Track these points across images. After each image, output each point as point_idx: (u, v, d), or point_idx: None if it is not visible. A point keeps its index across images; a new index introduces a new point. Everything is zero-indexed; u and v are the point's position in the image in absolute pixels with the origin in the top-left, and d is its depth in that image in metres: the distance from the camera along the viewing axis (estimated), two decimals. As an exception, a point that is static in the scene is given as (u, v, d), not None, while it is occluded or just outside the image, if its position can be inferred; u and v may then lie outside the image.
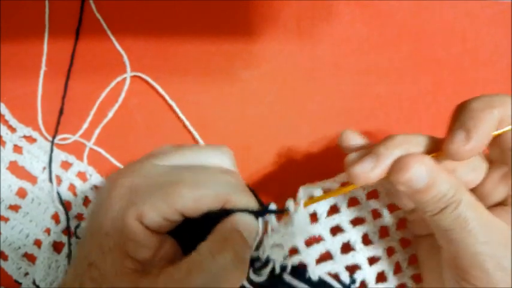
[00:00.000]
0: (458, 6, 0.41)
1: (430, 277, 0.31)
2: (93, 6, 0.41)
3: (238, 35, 0.41)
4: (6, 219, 0.38)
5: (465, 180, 0.28)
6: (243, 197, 0.29)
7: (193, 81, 0.40)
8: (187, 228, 0.28)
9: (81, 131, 0.39)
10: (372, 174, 0.26)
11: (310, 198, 0.29)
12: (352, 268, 0.31)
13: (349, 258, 0.31)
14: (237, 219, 0.28)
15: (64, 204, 0.38)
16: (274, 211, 0.29)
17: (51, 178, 0.38)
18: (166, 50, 0.41)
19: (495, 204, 0.28)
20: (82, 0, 0.41)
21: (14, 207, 0.38)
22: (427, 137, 0.27)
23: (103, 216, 0.28)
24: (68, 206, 0.38)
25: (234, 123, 0.40)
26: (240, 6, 0.41)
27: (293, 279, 0.30)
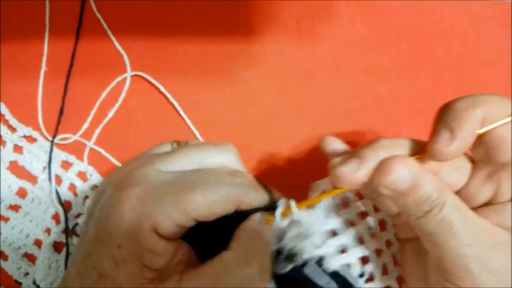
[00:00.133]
0: (458, 6, 0.41)
1: (415, 280, 0.31)
2: (93, 6, 0.41)
3: (238, 35, 0.41)
4: (6, 219, 0.38)
5: (449, 181, 0.27)
6: (256, 196, 0.29)
7: (193, 81, 0.40)
8: (199, 230, 0.28)
9: (81, 131, 0.39)
10: (356, 175, 0.26)
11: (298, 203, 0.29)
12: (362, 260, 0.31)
13: (360, 251, 0.31)
14: (258, 223, 0.28)
15: (63, 204, 0.38)
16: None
17: (50, 178, 0.38)
18: (166, 50, 0.41)
19: (481, 204, 0.28)
20: (82, 0, 0.41)
21: (14, 207, 0.38)
22: (412, 140, 0.27)
23: (114, 227, 0.27)
24: (68, 206, 0.38)
25: (234, 123, 0.40)
26: (240, 6, 0.41)
27: (314, 271, 0.30)
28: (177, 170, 0.30)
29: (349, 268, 0.30)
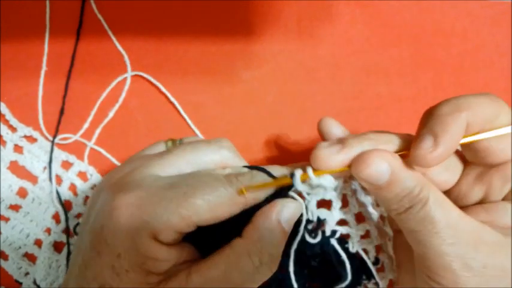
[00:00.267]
0: (458, 6, 0.41)
1: (405, 272, 0.31)
2: (93, 6, 0.41)
3: (238, 35, 0.41)
4: (6, 219, 0.38)
5: (439, 180, 0.27)
6: (260, 191, 0.28)
7: (193, 81, 0.40)
8: (203, 231, 0.27)
9: (81, 131, 0.39)
10: (334, 159, 0.26)
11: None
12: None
13: (376, 239, 0.32)
14: (277, 210, 0.27)
15: (63, 204, 0.38)
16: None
17: (51, 178, 0.38)
18: (166, 50, 0.41)
19: (473, 204, 0.28)
20: (83, 0, 0.41)
21: (15, 207, 0.38)
22: (403, 136, 0.27)
23: (111, 236, 0.26)
24: (69, 206, 0.39)
25: (234, 123, 0.40)
26: (240, 6, 0.41)
27: (337, 244, 0.30)
28: (175, 174, 0.29)
29: (367, 254, 0.31)
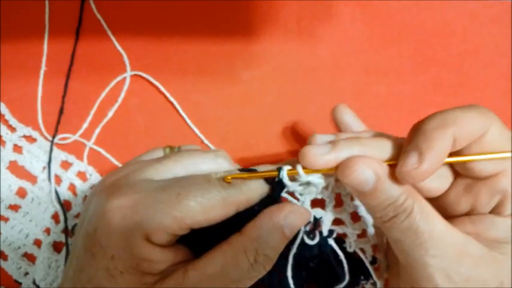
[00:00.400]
0: (458, 6, 0.41)
1: (392, 277, 0.31)
2: (93, 6, 0.41)
3: (238, 35, 0.41)
4: (6, 219, 0.38)
5: (430, 186, 0.27)
6: (251, 191, 0.27)
7: (193, 81, 0.40)
8: (198, 234, 0.27)
9: (81, 131, 0.39)
10: (321, 159, 0.26)
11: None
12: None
13: (373, 239, 0.32)
14: (283, 214, 0.26)
15: (62, 204, 0.38)
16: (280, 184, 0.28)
17: (49, 177, 0.38)
18: (166, 50, 0.41)
19: (461, 215, 0.28)
20: (82, 0, 0.41)
21: (14, 207, 0.38)
22: (395, 141, 0.27)
23: (104, 238, 0.26)
24: (68, 206, 0.38)
25: (234, 123, 0.40)
26: (240, 6, 0.41)
27: (335, 244, 0.30)
28: (169, 178, 0.29)
29: (364, 253, 0.31)
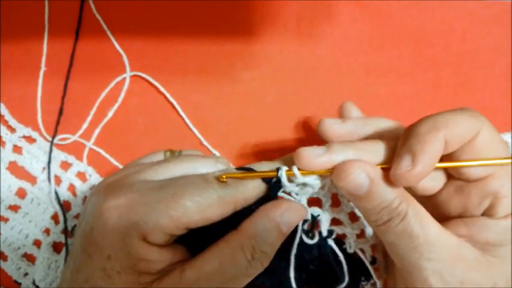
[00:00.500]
0: (458, 6, 0.41)
1: (390, 278, 0.31)
2: (92, 6, 0.41)
3: (238, 35, 0.41)
4: (5, 219, 0.38)
5: (425, 186, 0.28)
6: (252, 189, 0.27)
7: (193, 81, 0.40)
8: (196, 234, 0.27)
9: (80, 131, 0.39)
10: (315, 160, 0.26)
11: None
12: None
13: (372, 239, 0.32)
14: (280, 211, 0.26)
15: (62, 204, 0.38)
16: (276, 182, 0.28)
17: (49, 177, 0.38)
18: (166, 50, 0.41)
19: (454, 216, 0.28)
20: (81, 0, 0.41)
21: (14, 207, 0.38)
22: (389, 145, 0.27)
23: (101, 238, 0.26)
24: (68, 206, 0.38)
25: (234, 123, 0.40)
26: (240, 6, 0.41)
27: (335, 245, 0.31)
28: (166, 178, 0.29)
29: (363, 253, 0.31)
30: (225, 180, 0.27)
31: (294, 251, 0.29)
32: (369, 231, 0.32)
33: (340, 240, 0.32)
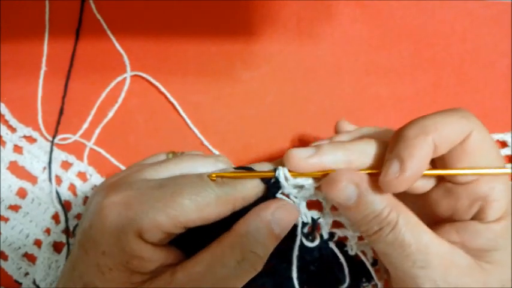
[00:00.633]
0: (458, 6, 0.41)
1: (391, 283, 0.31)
2: (93, 6, 0.41)
3: (238, 35, 0.41)
4: (6, 219, 0.38)
5: (416, 185, 0.27)
6: (251, 189, 0.27)
7: (193, 81, 0.40)
8: (192, 236, 0.27)
9: (81, 131, 0.39)
10: (305, 162, 0.26)
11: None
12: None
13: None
14: (270, 210, 0.26)
15: (63, 204, 0.38)
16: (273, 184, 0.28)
17: (50, 177, 0.38)
18: (166, 50, 0.41)
19: (443, 218, 0.28)
20: (82, 0, 0.41)
21: (14, 207, 0.38)
22: (380, 145, 0.27)
23: (98, 234, 0.26)
24: (68, 206, 0.38)
25: (234, 123, 0.40)
26: (240, 6, 0.41)
27: (336, 248, 0.30)
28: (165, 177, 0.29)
29: (365, 255, 0.31)
30: (215, 179, 0.27)
31: (296, 253, 0.29)
32: None
33: (341, 242, 0.31)
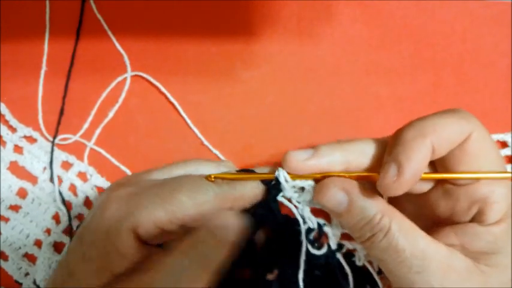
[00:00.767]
0: (458, 6, 0.41)
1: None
2: (93, 6, 0.41)
3: (238, 35, 0.41)
4: (6, 219, 0.38)
5: (414, 186, 0.27)
6: (250, 189, 0.28)
7: (193, 81, 0.40)
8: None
9: (81, 131, 0.39)
10: (303, 164, 0.26)
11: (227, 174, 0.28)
12: None
13: None
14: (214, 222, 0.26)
15: (66, 204, 0.38)
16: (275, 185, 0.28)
17: (52, 178, 0.38)
18: (166, 50, 0.41)
19: (442, 219, 0.28)
20: (82, 0, 0.41)
21: (15, 207, 0.38)
22: (379, 144, 0.27)
23: (95, 224, 0.27)
24: (69, 207, 0.38)
25: (234, 123, 0.40)
26: (240, 6, 0.41)
27: (343, 258, 0.30)
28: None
29: (371, 265, 0.31)
30: (213, 180, 0.27)
31: (303, 257, 0.28)
32: None
33: (349, 251, 0.31)
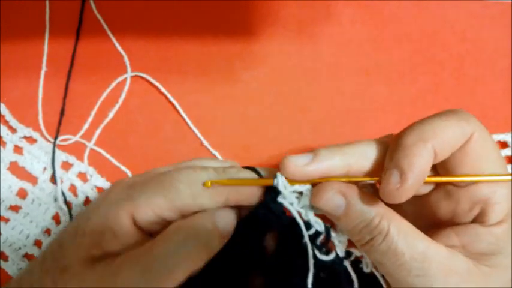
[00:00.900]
0: (458, 6, 0.41)
1: None
2: (93, 6, 0.41)
3: (238, 35, 0.41)
4: (6, 219, 0.38)
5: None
6: (244, 195, 0.28)
7: (193, 81, 0.40)
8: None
9: (81, 132, 0.39)
10: (301, 170, 0.26)
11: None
12: None
13: None
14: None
15: (67, 204, 0.38)
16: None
17: (55, 178, 0.38)
18: (166, 51, 0.41)
19: (443, 221, 0.28)
20: (82, 0, 0.41)
21: (15, 207, 0.38)
22: (379, 146, 0.27)
23: (95, 205, 0.28)
24: (68, 207, 0.38)
25: (234, 123, 0.40)
26: (240, 6, 0.41)
27: (350, 266, 0.30)
28: None
29: (377, 270, 0.30)
30: (210, 186, 0.27)
31: (312, 261, 0.28)
32: None
33: (357, 259, 0.31)
